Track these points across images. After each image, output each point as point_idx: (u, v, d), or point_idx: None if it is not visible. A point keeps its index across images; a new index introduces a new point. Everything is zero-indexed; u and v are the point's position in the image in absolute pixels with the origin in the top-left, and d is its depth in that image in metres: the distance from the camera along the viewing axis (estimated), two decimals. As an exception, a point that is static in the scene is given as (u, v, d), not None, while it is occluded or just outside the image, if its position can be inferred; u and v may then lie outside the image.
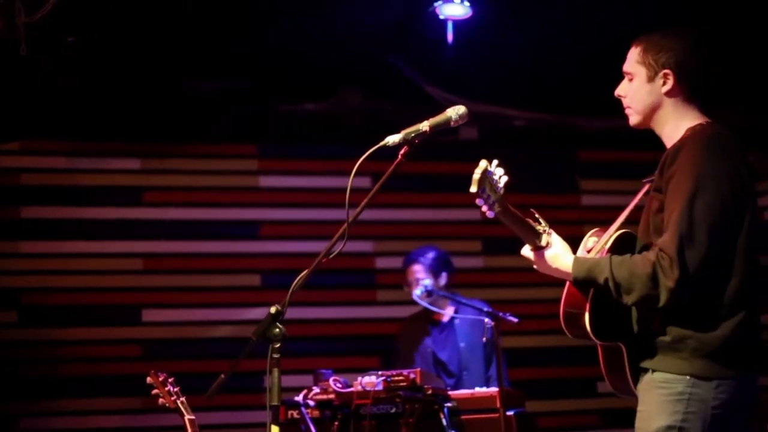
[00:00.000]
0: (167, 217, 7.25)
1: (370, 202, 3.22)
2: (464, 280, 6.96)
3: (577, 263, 3.35)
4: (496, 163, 3.27)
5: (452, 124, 3.34)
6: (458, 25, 6.37)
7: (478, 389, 5.71)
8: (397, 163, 3.26)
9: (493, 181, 3.24)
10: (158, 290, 7.20)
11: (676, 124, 3.42)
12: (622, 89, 3.52)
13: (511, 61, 6.58)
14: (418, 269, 6.27)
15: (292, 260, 6.92)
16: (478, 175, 3.21)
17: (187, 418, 4.52)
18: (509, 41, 6.42)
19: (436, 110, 3.36)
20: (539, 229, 3.41)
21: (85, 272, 7.09)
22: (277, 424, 3.07)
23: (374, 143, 3.23)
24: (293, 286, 3.14)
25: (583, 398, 7.48)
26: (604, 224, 3.52)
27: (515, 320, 5.68)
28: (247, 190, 7.44)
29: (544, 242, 3.40)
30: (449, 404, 5.47)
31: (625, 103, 3.52)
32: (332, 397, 5.40)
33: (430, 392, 5.40)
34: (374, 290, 7.55)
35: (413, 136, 3.27)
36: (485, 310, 5.76)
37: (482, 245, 7.69)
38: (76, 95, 6.46)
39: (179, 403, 4.54)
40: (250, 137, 7.41)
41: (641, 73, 3.45)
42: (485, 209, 3.26)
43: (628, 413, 3.37)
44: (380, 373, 5.45)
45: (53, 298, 7.04)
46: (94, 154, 7.18)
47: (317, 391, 5.43)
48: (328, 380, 5.45)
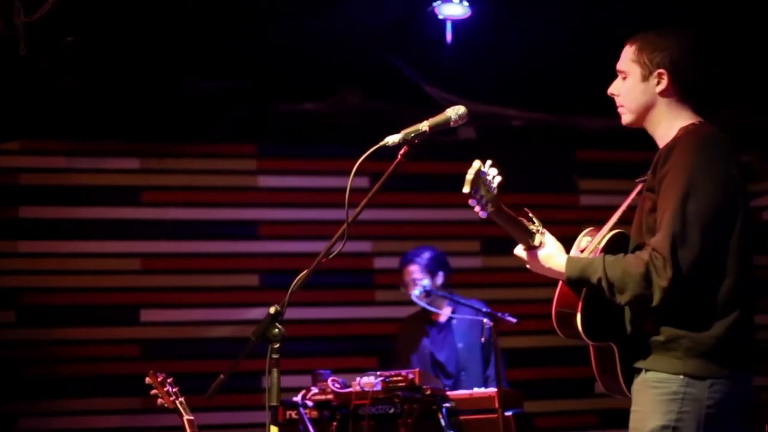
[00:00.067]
0: (166, 216, 7.25)
1: (369, 202, 3.21)
2: (463, 280, 6.95)
3: (570, 263, 3.33)
4: (489, 163, 3.26)
5: (452, 124, 3.33)
6: (457, 24, 6.38)
7: (476, 389, 5.71)
8: (396, 163, 3.25)
9: (486, 181, 3.22)
10: (157, 290, 7.20)
11: (669, 124, 3.39)
12: (615, 88, 3.49)
13: (509, 60, 6.58)
14: (414, 269, 6.26)
15: (290, 260, 6.92)
16: (471, 175, 3.19)
17: (185, 418, 4.51)
18: (508, 41, 6.42)
19: (435, 110, 3.34)
20: (532, 228, 3.40)
21: (83, 272, 7.09)
22: (276, 424, 3.07)
23: (373, 143, 3.21)
24: (293, 286, 3.13)
25: (581, 398, 7.46)
26: (602, 224, 3.51)
27: (514, 320, 5.69)
28: (246, 190, 7.43)
29: (537, 242, 3.39)
30: (448, 404, 5.47)
31: (618, 101, 3.49)
32: (331, 397, 5.39)
33: (428, 392, 5.40)
34: (373, 290, 7.54)
35: (413, 136, 3.26)
36: (484, 310, 5.76)
37: (481, 245, 7.69)
38: (75, 95, 6.45)
39: (178, 403, 4.53)
40: (249, 137, 7.41)
41: (635, 71, 3.42)
42: (478, 209, 3.25)
43: (625, 413, 3.36)
44: (379, 373, 5.45)
45: (52, 297, 7.04)
46: (92, 153, 7.18)
47: (316, 391, 5.43)
48: (326, 381, 5.45)
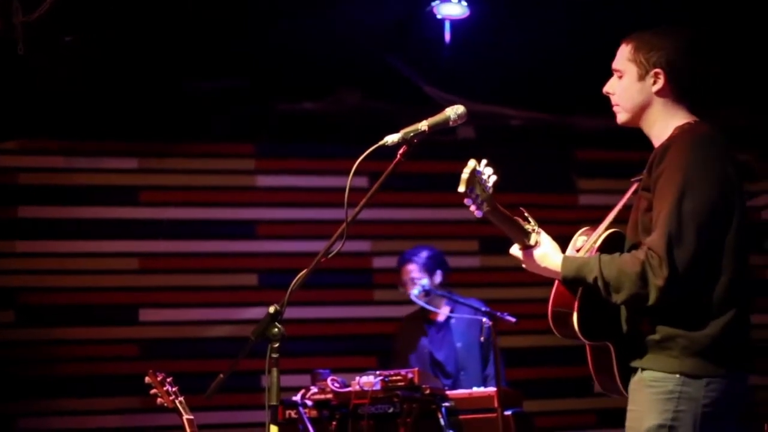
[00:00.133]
0: (164, 216, 7.25)
1: (368, 201, 3.20)
2: (461, 279, 6.96)
3: (566, 262, 3.33)
4: (485, 162, 3.25)
5: (451, 123, 3.33)
6: (456, 24, 6.38)
7: (475, 389, 5.71)
8: (395, 162, 3.24)
9: (481, 180, 3.22)
10: (155, 290, 7.20)
11: (665, 123, 3.39)
12: (610, 86, 3.48)
13: (508, 60, 6.58)
14: (412, 269, 6.26)
15: (289, 260, 6.93)
16: (466, 174, 3.19)
17: (185, 417, 4.52)
18: (507, 41, 6.42)
19: (434, 110, 3.34)
20: (528, 228, 3.39)
21: (82, 272, 7.09)
22: (275, 423, 3.07)
23: (372, 143, 3.21)
24: (292, 285, 3.13)
25: (580, 398, 7.47)
26: (599, 223, 3.51)
27: (513, 320, 5.69)
28: (244, 189, 7.43)
29: (532, 241, 3.38)
30: (447, 404, 5.47)
31: (613, 100, 3.48)
32: (330, 396, 5.39)
33: (428, 392, 5.40)
34: (371, 290, 7.54)
35: (412, 135, 3.25)
36: (483, 309, 5.77)
37: (479, 245, 7.69)
38: (73, 94, 6.45)
39: (177, 402, 4.54)
40: (248, 136, 7.41)
41: (631, 71, 3.41)
42: (473, 209, 3.24)
43: (624, 413, 3.36)
44: (378, 372, 5.44)
45: (50, 297, 7.04)
46: (91, 153, 7.18)
47: (315, 390, 5.42)
48: (325, 380, 5.44)
